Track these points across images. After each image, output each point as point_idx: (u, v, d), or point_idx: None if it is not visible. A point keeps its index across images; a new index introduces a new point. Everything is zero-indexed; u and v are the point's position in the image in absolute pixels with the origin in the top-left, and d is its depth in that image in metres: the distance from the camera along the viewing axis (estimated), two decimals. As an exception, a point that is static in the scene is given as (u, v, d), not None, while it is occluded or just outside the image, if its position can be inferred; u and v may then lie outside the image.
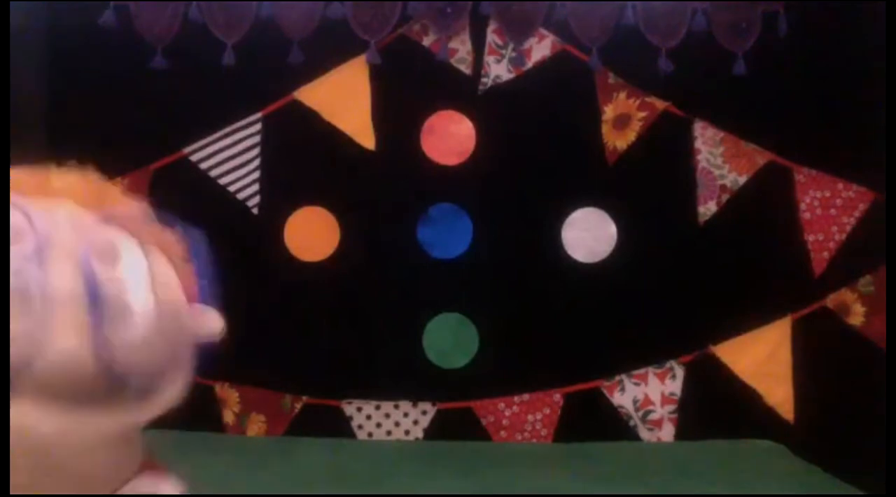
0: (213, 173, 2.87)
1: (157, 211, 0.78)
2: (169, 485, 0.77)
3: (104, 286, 0.65)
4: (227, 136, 2.88)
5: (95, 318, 0.64)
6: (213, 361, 0.81)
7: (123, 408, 0.67)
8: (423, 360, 2.93)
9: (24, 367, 0.61)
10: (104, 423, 0.66)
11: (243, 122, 2.88)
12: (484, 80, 2.90)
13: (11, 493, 0.65)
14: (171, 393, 0.73)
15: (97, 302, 0.64)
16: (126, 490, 0.72)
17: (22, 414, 0.62)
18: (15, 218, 0.64)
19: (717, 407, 2.87)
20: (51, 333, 0.62)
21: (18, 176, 0.70)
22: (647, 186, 2.90)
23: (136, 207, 0.75)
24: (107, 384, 0.65)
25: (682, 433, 2.89)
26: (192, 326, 0.75)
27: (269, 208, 2.89)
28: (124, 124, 2.80)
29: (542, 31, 2.90)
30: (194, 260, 0.75)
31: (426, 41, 2.90)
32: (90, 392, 0.64)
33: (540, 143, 2.91)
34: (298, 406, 2.90)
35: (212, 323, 0.77)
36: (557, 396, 2.92)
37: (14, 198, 0.66)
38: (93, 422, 0.65)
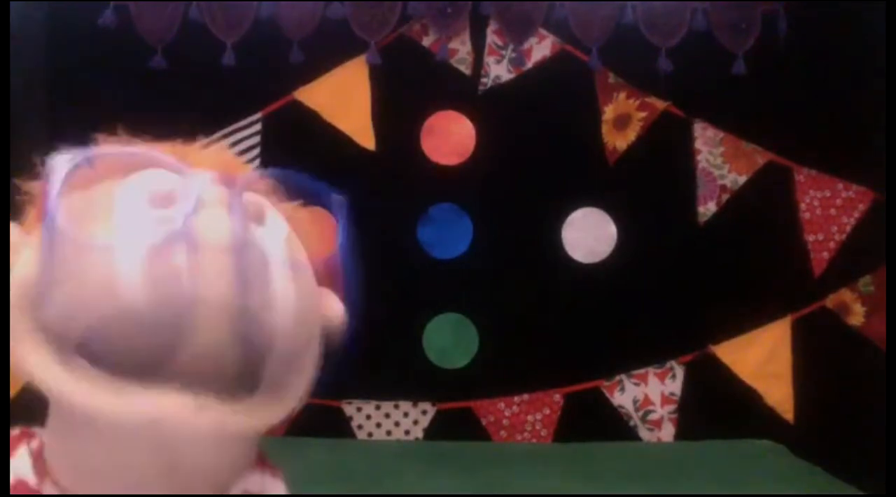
0: (213, 173, 2.87)
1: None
2: (280, 485, 0.74)
3: (253, 246, 0.61)
4: (227, 136, 2.88)
5: (240, 280, 0.58)
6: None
7: (255, 405, 0.62)
8: (423, 360, 2.93)
9: (168, 354, 0.58)
10: (232, 420, 0.60)
11: (243, 122, 2.88)
12: (484, 80, 2.90)
13: (138, 491, 0.61)
14: (299, 389, 0.66)
15: (245, 263, 0.59)
16: (239, 488, 0.68)
17: (160, 406, 0.57)
18: (171, 181, 0.62)
19: (717, 407, 2.87)
20: (197, 323, 0.57)
21: (156, 151, 0.68)
22: (647, 186, 2.91)
23: (269, 183, 0.71)
24: (245, 369, 0.60)
25: (682, 433, 2.89)
26: (321, 309, 0.69)
27: (269, 208, 2.88)
28: (124, 124, 2.79)
29: (542, 31, 2.90)
30: (337, 232, 0.69)
31: (426, 41, 2.90)
32: (229, 385, 0.59)
33: (540, 143, 2.91)
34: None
35: (335, 307, 0.71)
36: (557, 396, 2.92)
37: (168, 161, 0.64)
38: (222, 420, 0.59)
